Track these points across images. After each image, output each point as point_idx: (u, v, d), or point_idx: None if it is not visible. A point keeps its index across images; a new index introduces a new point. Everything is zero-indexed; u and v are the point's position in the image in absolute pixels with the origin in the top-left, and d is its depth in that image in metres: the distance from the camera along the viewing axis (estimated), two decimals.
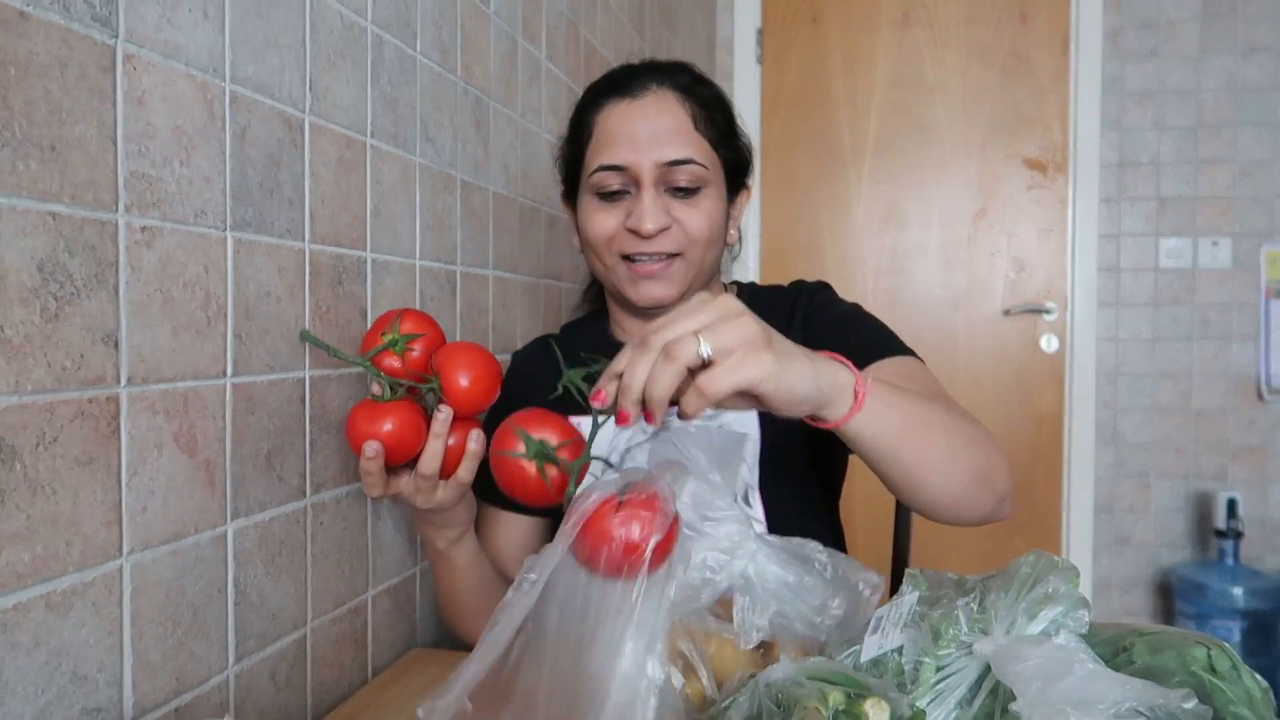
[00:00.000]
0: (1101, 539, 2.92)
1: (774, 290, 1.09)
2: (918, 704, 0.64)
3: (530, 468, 0.72)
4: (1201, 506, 2.86)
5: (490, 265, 1.30)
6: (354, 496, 0.95)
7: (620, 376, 0.61)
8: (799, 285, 1.07)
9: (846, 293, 1.07)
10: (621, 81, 0.98)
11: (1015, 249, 2.93)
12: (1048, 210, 2.92)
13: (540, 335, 1.20)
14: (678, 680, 0.69)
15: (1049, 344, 2.91)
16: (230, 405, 0.76)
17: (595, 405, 0.63)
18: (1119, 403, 2.91)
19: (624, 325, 1.08)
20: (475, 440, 0.80)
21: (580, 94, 1.07)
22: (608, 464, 1.00)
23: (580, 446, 0.70)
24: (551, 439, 0.72)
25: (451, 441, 0.80)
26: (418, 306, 1.09)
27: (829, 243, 2.96)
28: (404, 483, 0.81)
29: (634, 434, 1.03)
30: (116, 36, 0.63)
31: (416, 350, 0.80)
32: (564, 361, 1.09)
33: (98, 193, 0.62)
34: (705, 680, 0.68)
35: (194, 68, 0.71)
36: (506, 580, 1.01)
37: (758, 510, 0.98)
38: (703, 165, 0.95)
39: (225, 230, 0.75)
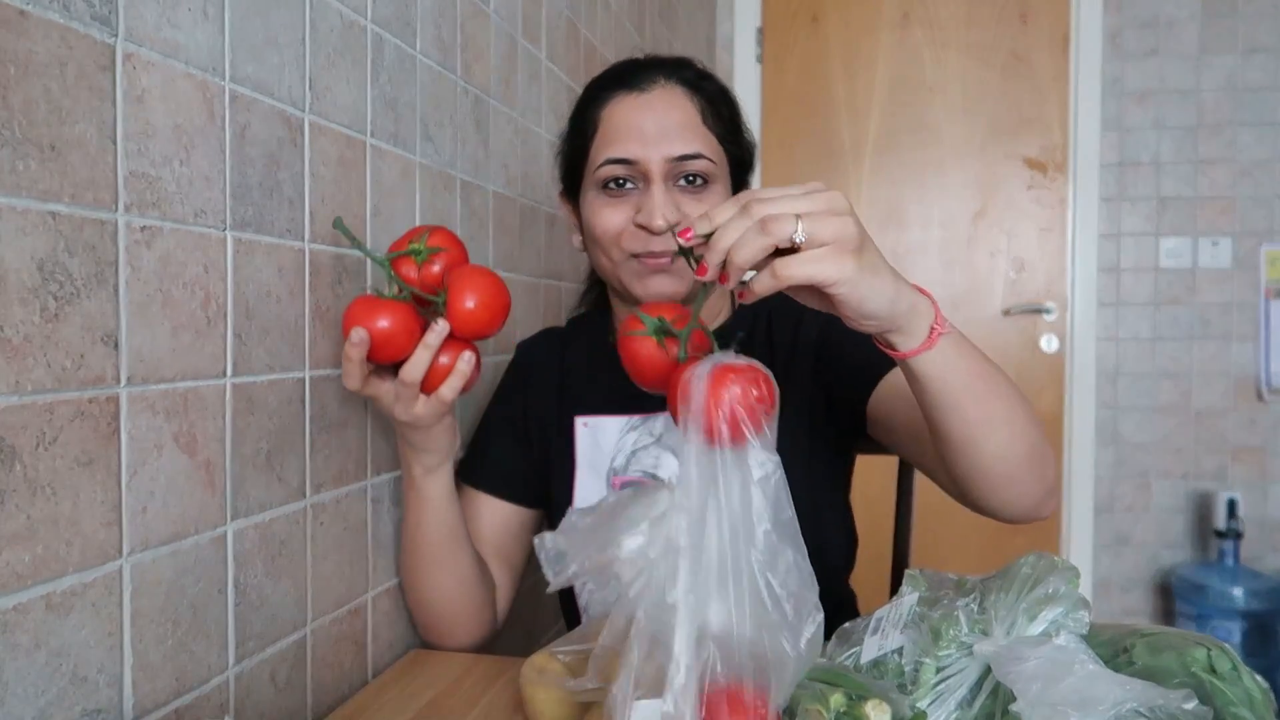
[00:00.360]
0: (1101, 539, 2.92)
1: (780, 295, 1.08)
2: (918, 705, 0.64)
3: (652, 344, 0.76)
4: (1201, 506, 2.86)
5: (490, 265, 1.30)
6: (354, 496, 0.95)
7: (710, 234, 0.61)
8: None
9: None
10: (628, 75, 0.97)
11: (1015, 249, 2.93)
12: (1048, 210, 2.92)
13: (544, 329, 1.20)
14: None
15: (1049, 344, 2.91)
16: (230, 405, 0.76)
17: (682, 242, 0.64)
18: (1119, 402, 2.91)
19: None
20: (466, 361, 0.80)
21: (581, 92, 1.06)
22: (653, 477, 1.00)
23: (688, 318, 0.74)
24: (666, 316, 0.77)
25: (443, 360, 0.80)
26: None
27: None
28: (385, 387, 0.81)
29: (639, 438, 1.03)
30: (116, 35, 0.63)
31: (436, 266, 0.81)
32: (567, 359, 1.09)
33: (97, 192, 0.62)
34: None
35: (194, 67, 0.71)
36: (479, 564, 1.00)
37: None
38: (711, 160, 0.94)
39: (225, 230, 0.75)
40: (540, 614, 1.45)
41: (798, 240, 0.58)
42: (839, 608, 0.96)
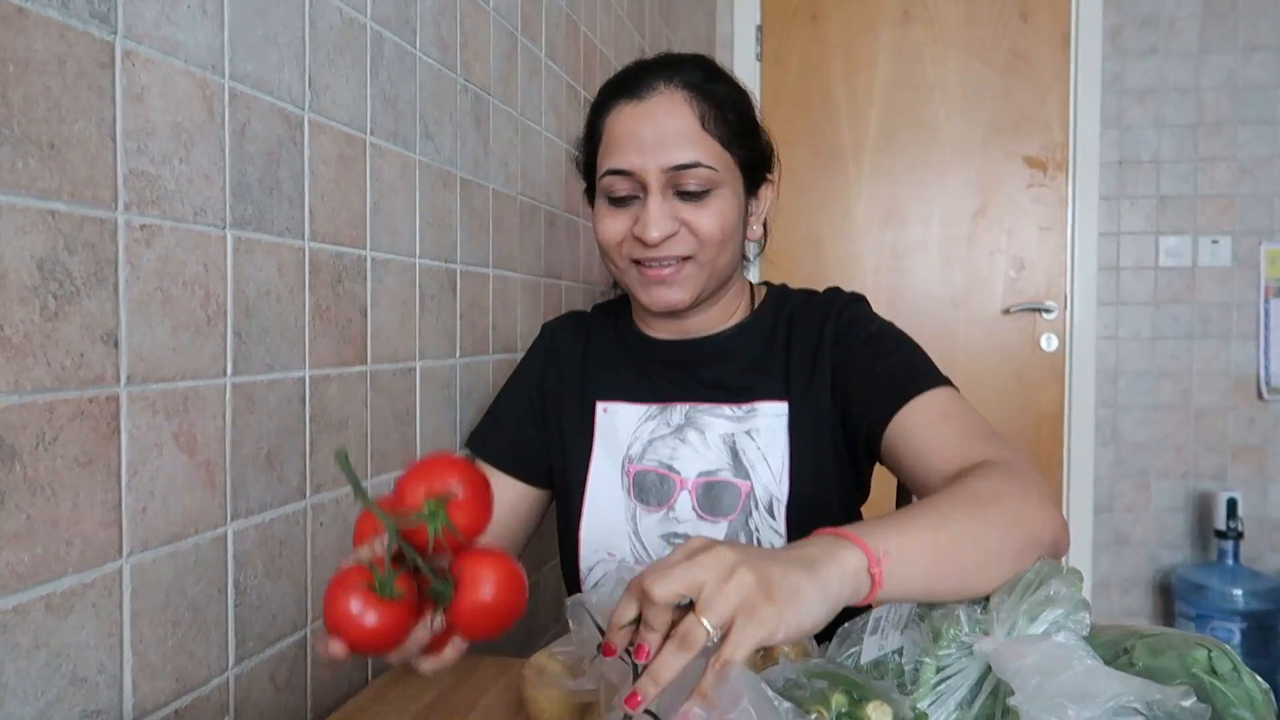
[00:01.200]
0: (1101, 539, 2.93)
1: (807, 295, 1.07)
2: (918, 705, 0.64)
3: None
4: (1201, 506, 2.86)
5: (490, 263, 1.30)
6: (354, 496, 0.95)
7: (623, 625, 0.60)
8: (835, 295, 1.05)
9: None
10: (629, 82, 0.95)
11: (1015, 247, 2.93)
12: (1048, 209, 2.92)
13: (571, 311, 1.18)
14: None
15: (1049, 343, 2.91)
16: (230, 405, 0.76)
17: (626, 658, 0.61)
18: (1119, 401, 2.91)
19: (646, 320, 1.06)
20: (454, 649, 0.65)
21: (580, 91, 1.06)
22: (669, 468, 0.98)
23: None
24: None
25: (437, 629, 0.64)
26: (417, 306, 1.08)
27: (829, 241, 2.96)
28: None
29: (656, 427, 1.02)
30: (115, 33, 0.63)
31: (453, 529, 0.60)
32: (589, 341, 1.07)
33: (97, 191, 0.61)
34: None
35: (193, 64, 0.70)
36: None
37: (780, 523, 0.96)
38: (711, 167, 0.92)
39: (225, 228, 0.74)
40: (540, 614, 1.45)
41: (715, 637, 0.57)
42: (849, 611, 0.97)
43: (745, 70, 3.00)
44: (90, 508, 0.61)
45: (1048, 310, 2.90)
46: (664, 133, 0.92)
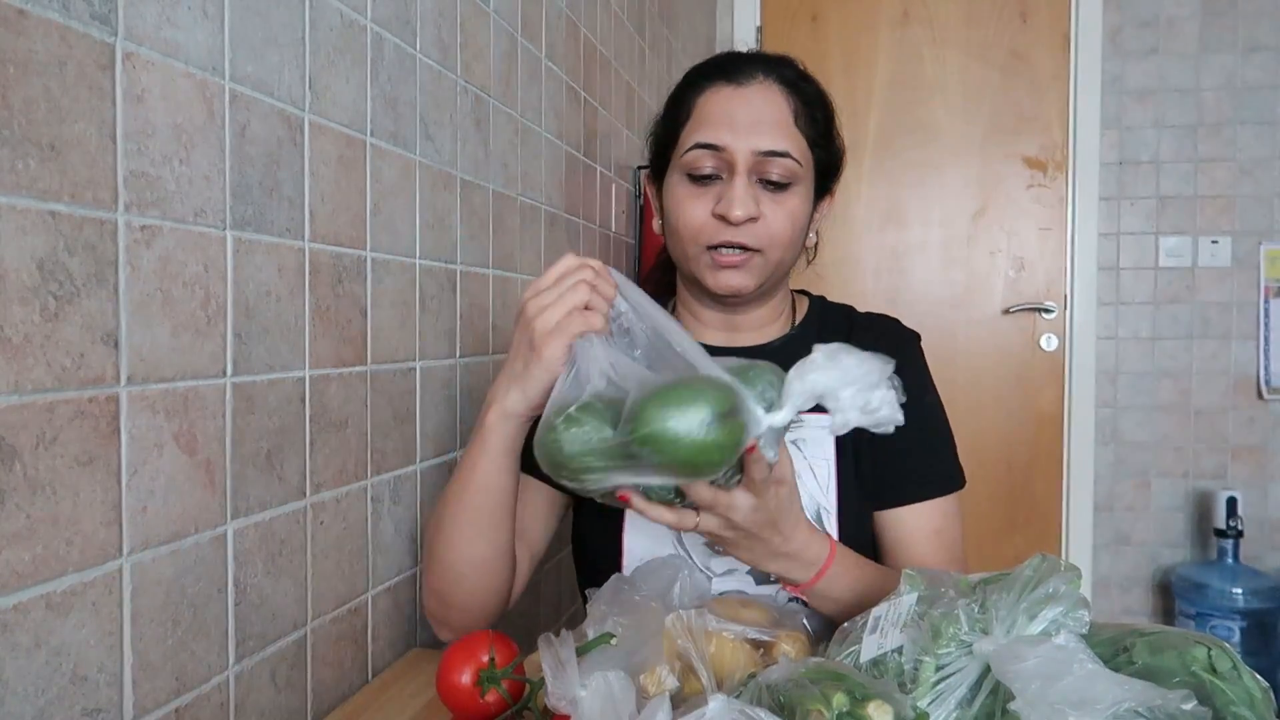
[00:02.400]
0: (1101, 538, 2.93)
1: (865, 316, 1.09)
2: (918, 704, 0.64)
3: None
4: (1201, 506, 2.86)
5: (490, 264, 1.30)
6: (354, 496, 0.95)
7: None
8: (897, 327, 1.08)
9: (846, 292, 1.08)
10: (728, 66, 0.97)
11: (1015, 248, 2.93)
12: (1047, 209, 2.92)
13: None
14: (674, 682, 0.69)
15: (1049, 343, 2.91)
16: (230, 405, 0.76)
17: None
18: (1119, 401, 2.91)
19: (697, 314, 1.05)
20: None
21: (580, 92, 1.06)
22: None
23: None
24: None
25: None
26: (417, 306, 1.09)
27: (829, 241, 2.95)
28: None
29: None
30: (116, 35, 0.63)
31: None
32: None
33: (97, 191, 0.62)
34: (705, 680, 0.68)
35: (193, 66, 0.71)
36: (512, 541, 0.97)
37: (832, 531, 0.97)
38: (797, 161, 0.94)
39: (225, 229, 0.75)
40: (541, 612, 1.46)
41: (697, 530, 0.78)
42: None
43: None
44: (90, 507, 0.62)
45: (1048, 310, 2.90)
46: (759, 118, 0.93)
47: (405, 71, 1.04)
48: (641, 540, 0.99)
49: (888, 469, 0.98)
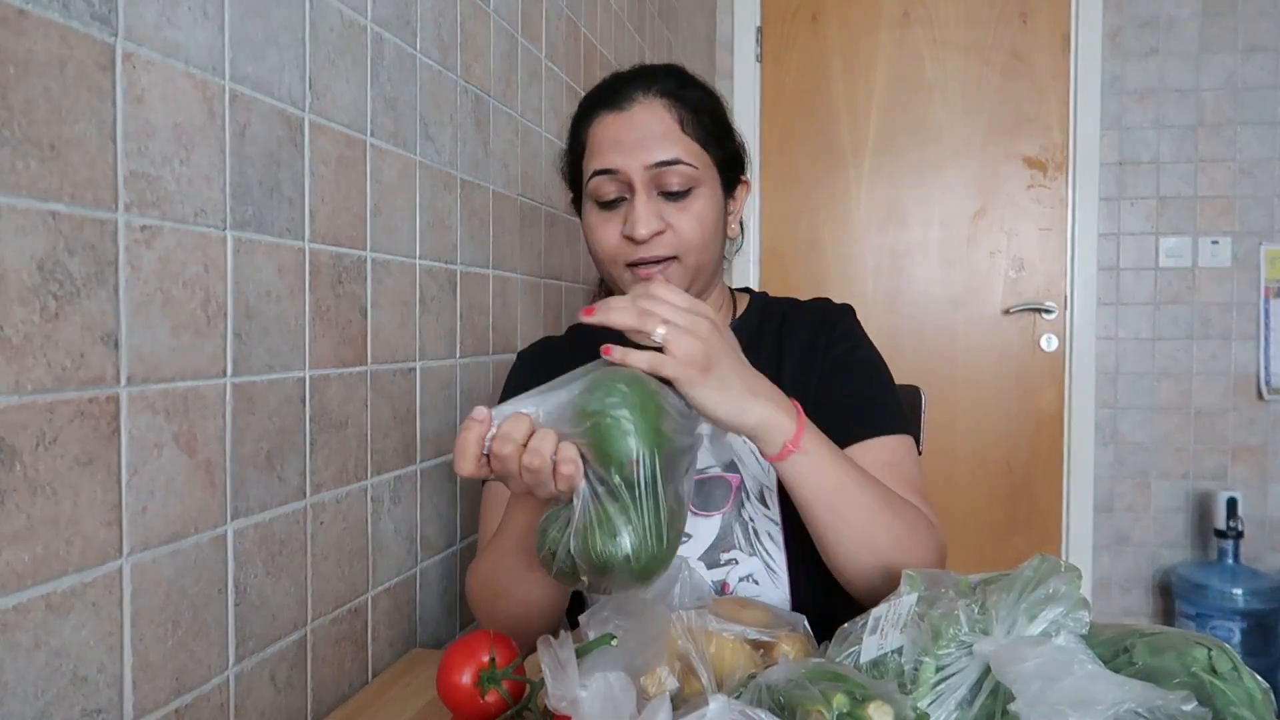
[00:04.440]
0: (1101, 539, 2.92)
1: (797, 303, 1.11)
2: (918, 704, 0.64)
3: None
4: (1201, 506, 2.86)
5: (490, 264, 1.30)
6: (354, 496, 0.95)
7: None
8: (827, 304, 1.10)
9: (847, 292, 1.08)
10: (610, 94, 1.00)
11: (1015, 248, 2.93)
12: (1047, 209, 2.92)
13: (544, 336, 1.20)
14: (674, 683, 0.69)
15: (1049, 343, 2.91)
16: (230, 405, 0.76)
17: (584, 317, 0.76)
18: (1119, 402, 2.91)
19: None
20: None
21: (580, 92, 1.07)
22: None
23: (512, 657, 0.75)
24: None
25: None
26: (417, 306, 1.09)
27: (829, 242, 2.96)
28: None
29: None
30: (116, 35, 0.63)
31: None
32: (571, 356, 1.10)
33: (97, 192, 0.62)
34: (705, 680, 0.68)
35: (193, 66, 0.71)
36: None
37: (774, 510, 0.99)
38: (692, 165, 0.97)
39: (225, 229, 0.75)
40: None
41: (656, 340, 0.74)
42: (848, 611, 0.98)
43: (745, 71, 3.00)
44: (90, 508, 0.62)
45: (1048, 310, 2.90)
46: (646, 135, 0.97)
47: (405, 71, 1.04)
48: None
49: (830, 418, 0.99)
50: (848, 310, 1.10)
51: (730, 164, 1.04)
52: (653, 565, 0.69)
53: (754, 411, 0.79)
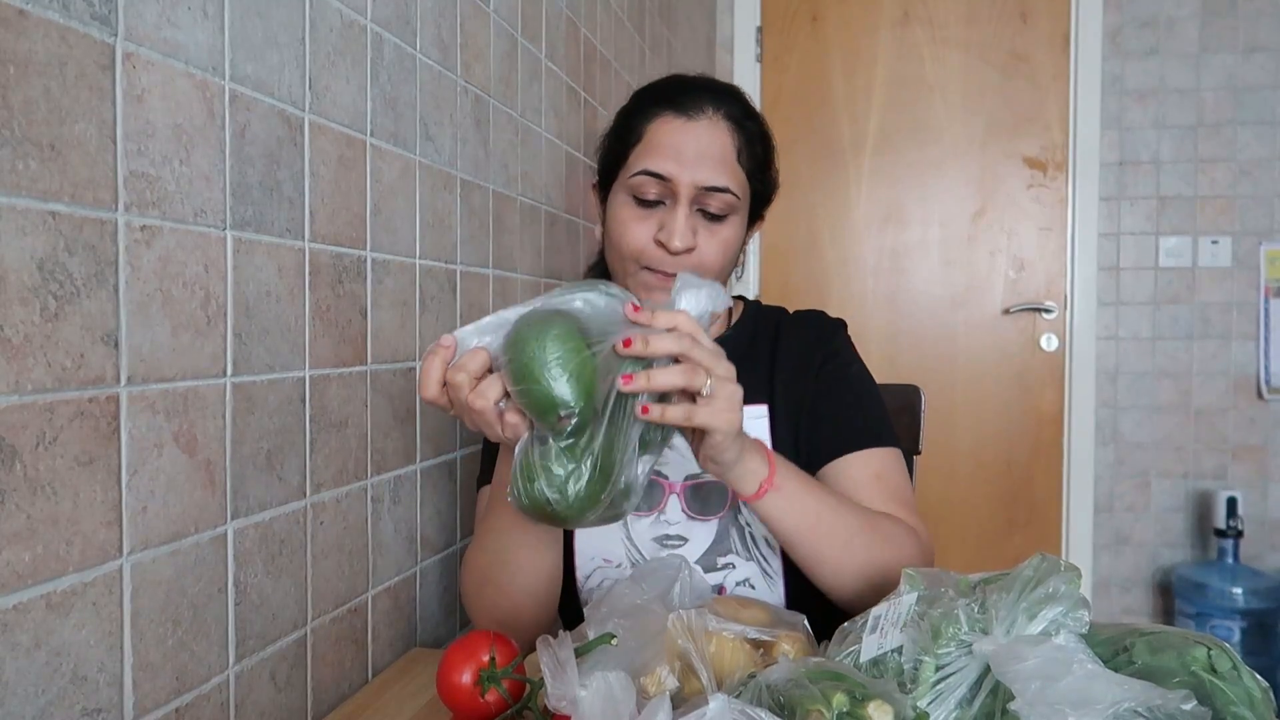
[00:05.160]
0: (1101, 538, 2.93)
1: (792, 312, 1.13)
2: (918, 704, 0.64)
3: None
4: (1201, 506, 2.86)
5: (490, 264, 1.30)
6: (354, 496, 0.95)
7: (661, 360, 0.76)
8: (823, 316, 1.11)
9: (846, 292, 1.09)
10: (679, 97, 1.00)
11: (1015, 248, 2.93)
12: (1047, 209, 2.92)
13: None
14: (674, 682, 0.69)
15: (1049, 343, 2.91)
16: (230, 405, 0.76)
17: (621, 349, 0.74)
18: (1119, 401, 2.91)
19: None
20: None
21: (580, 92, 1.07)
22: (659, 474, 1.00)
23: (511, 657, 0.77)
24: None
25: None
26: (417, 306, 1.09)
27: (829, 242, 2.96)
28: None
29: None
30: (116, 35, 0.63)
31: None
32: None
33: (97, 192, 0.62)
34: (705, 680, 0.68)
35: (193, 66, 0.71)
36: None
37: None
38: (736, 195, 0.98)
39: (225, 229, 0.75)
40: None
41: (705, 392, 0.74)
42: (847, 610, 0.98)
43: (745, 71, 3.00)
44: (90, 507, 0.62)
45: (1048, 310, 2.90)
46: (706, 154, 0.98)
47: (405, 71, 1.04)
48: (592, 541, 1.01)
49: (821, 430, 1.02)
50: (841, 325, 1.12)
51: (762, 200, 1.06)
52: (581, 506, 0.72)
53: (747, 455, 0.82)
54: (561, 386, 0.69)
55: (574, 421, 0.70)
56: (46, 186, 0.58)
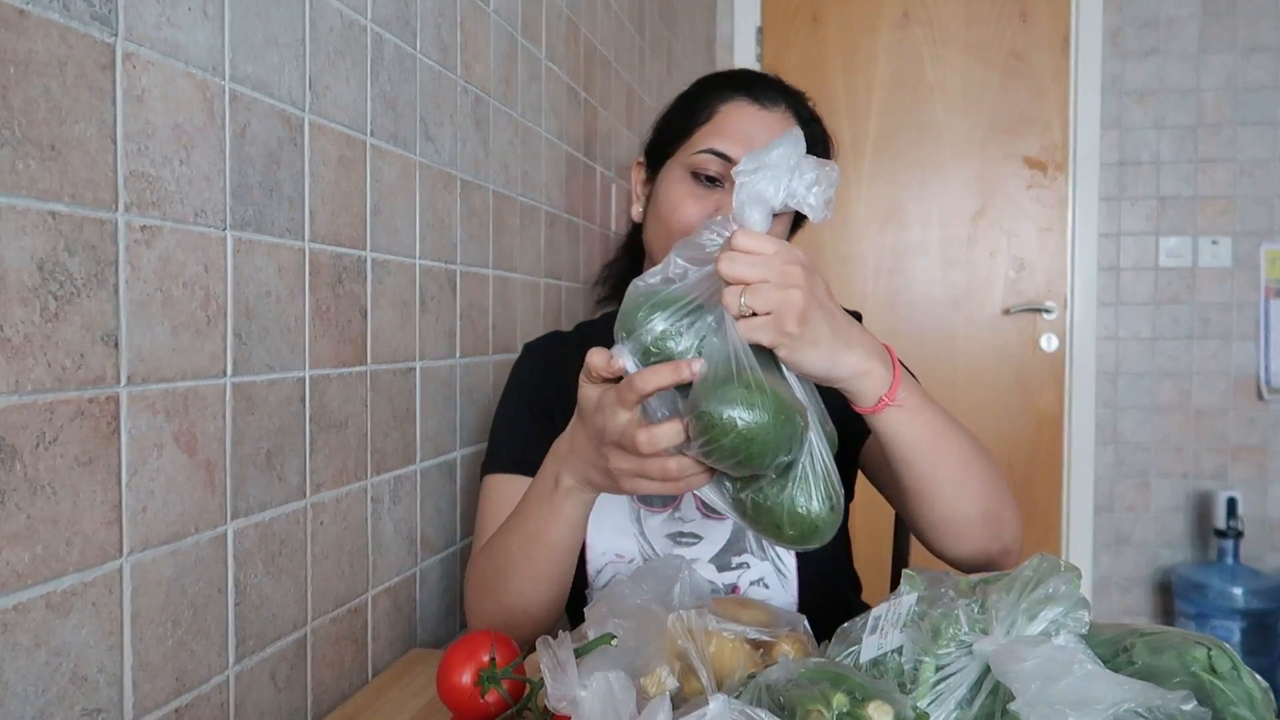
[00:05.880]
0: (1101, 538, 2.93)
1: None
2: (918, 704, 0.64)
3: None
4: (1201, 506, 2.86)
5: (490, 264, 1.30)
6: (354, 496, 0.95)
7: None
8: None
9: (846, 292, 1.09)
10: (755, 85, 1.01)
11: (1015, 248, 2.93)
12: (1048, 209, 2.92)
13: (551, 331, 1.19)
14: (674, 683, 0.69)
15: (1049, 343, 2.91)
16: (230, 405, 0.76)
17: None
18: (1119, 402, 2.91)
19: None
20: None
21: (580, 92, 1.07)
22: None
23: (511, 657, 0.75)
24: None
25: None
26: (417, 306, 1.09)
27: (829, 242, 2.96)
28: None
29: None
30: (116, 35, 0.63)
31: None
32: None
33: (97, 192, 0.62)
34: (705, 680, 0.68)
35: (194, 66, 0.71)
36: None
37: None
38: None
39: (225, 229, 0.75)
40: None
41: (742, 311, 0.68)
42: (848, 610, 0.97)
43: None
44: (90, 507, 0.62)
45: (1048, 311, 2.90)
46: None
47: (405, 71, 1.04)
48: (604, 536, 1.00)
49: (854, 418, 1.00)
50: (858, 317, 1.11)
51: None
52: (837, 516, 0.70)
53: (846, 363, 0.74)
54: (786, 439, 0.66)
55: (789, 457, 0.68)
56: (46, 186, 0.58)
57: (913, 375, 0.98)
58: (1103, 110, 2.87)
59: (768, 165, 0.69)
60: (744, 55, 3.01)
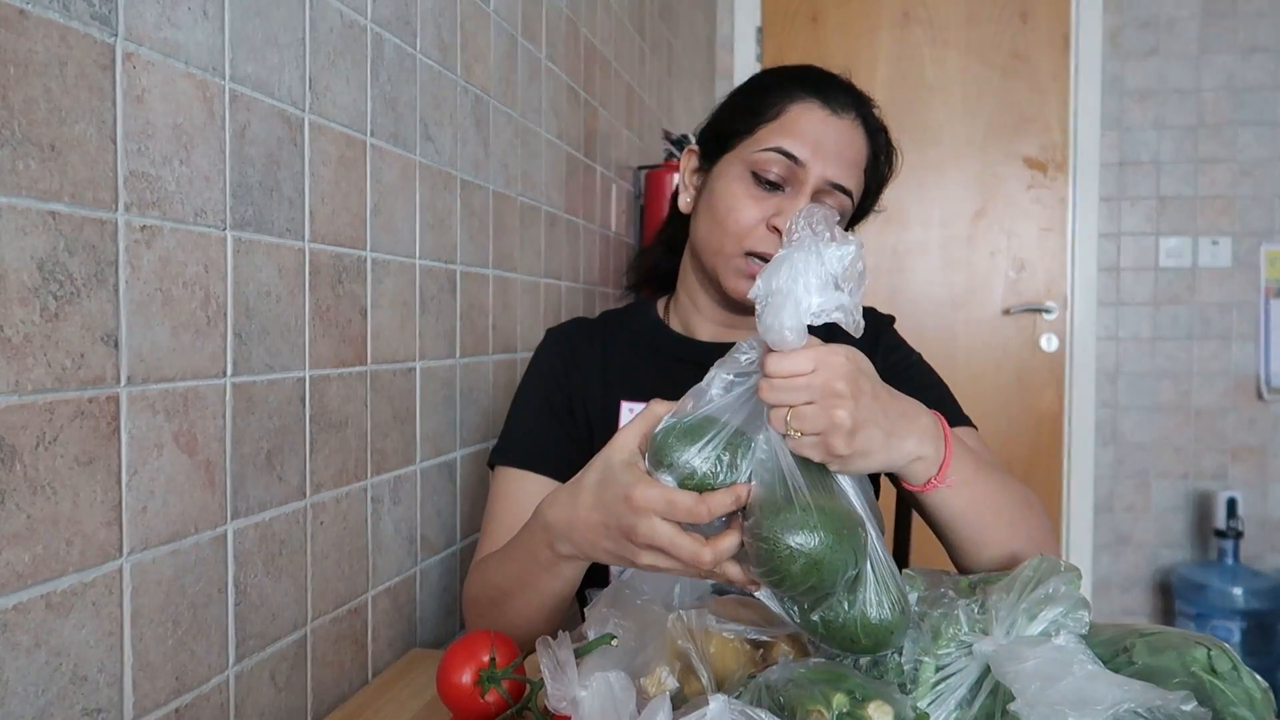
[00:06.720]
0: (1101, 539, 2.93)
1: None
2: (918, 704, 0.64)
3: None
4: (1201, 506, 2.86)
5: (490, 264, 1.30)
6: (354, 496, 0.95)
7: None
8: (873, 312, 1.11)
9: None
10: (826, 88, 0.99)
11: (1015, 248, 2.93)
12: (1048, 210, 2.92)
13: (576, 317, 1.17)
14: (674, 683, 0.69)
15: (1049, 343, 2.91)
16: (230, 405, 0.76)
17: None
18: (1119, 402, 2.91)
19: (697, 301, 1.07)
20: None
21: (580, 92, 1.06)
22: None
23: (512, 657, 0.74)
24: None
25: None
26: (417, 306, 1.09)
27: None
28: None
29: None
30: (116, 35, 0.63)
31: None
32: (607, 346, 1.08)
33: (97, 192, 0.62)
34: (705, 680, 0.68)
35: (194, 66, 0.71)
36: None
37: None
38: (851, 200, 1.00)
39: (225, 229, 0.75)
40: None
41: (792, 435, 0.67)
42: None
43: (745, 72, 3.00)
44: (90, 507, 0.62)
45: (1048, 311, 2.90)
46: (844, 152, 0.97)
47: (405, 71, 1.04)
48: None
49: None
50: (892, 320, 1.14)
51: (861, 213, 1.07)
52: (905, 619, 0.68)
53: (899, 459, 0.73)
54: (851, 555, 0.65)
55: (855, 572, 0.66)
56: (46, 186, 0.58)
57: (967, 420, 0.99)
58: (1103, 110, 2.87)
59: (779, 291, 0.67)
60: (744, 55, 3.01)
